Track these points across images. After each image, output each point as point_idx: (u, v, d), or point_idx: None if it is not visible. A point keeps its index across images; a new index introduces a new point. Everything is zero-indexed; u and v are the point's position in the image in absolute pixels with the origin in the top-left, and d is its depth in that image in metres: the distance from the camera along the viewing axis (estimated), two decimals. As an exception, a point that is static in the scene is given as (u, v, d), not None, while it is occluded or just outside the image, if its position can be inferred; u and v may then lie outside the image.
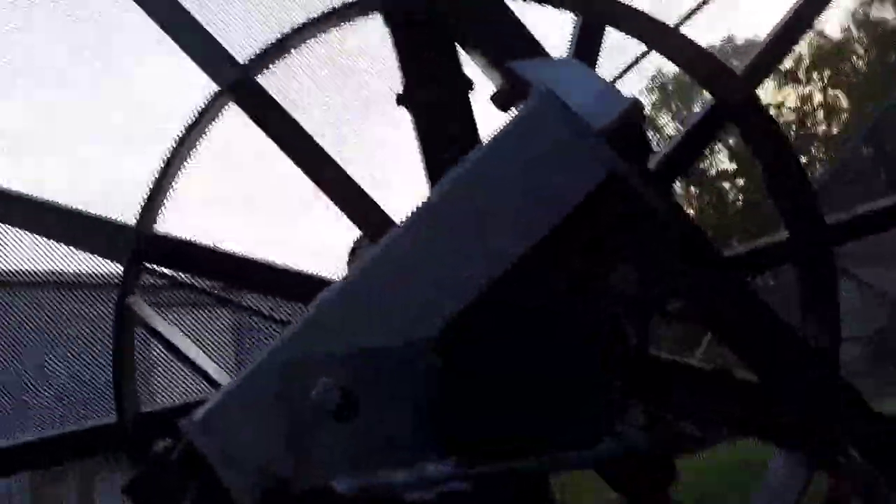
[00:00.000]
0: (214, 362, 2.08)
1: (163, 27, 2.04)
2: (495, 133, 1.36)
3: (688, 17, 3.44)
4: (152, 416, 2.16)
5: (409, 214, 1.37)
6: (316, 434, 1.24)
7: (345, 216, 2.11)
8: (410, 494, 1.17)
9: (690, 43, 2.10)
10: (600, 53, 2.32)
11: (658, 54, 2.35)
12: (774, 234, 2.40)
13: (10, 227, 2.36)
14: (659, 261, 1.36)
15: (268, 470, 1.27)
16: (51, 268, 2.76)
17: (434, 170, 2.17)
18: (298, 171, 2.16)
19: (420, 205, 1.36)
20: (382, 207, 2.15)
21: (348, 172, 2.14)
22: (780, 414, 2.02)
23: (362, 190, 2.17)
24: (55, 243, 2.34)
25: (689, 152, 2.43)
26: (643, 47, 2.62)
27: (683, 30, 3.02)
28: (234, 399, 1.34)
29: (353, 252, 3.24)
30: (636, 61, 3.36)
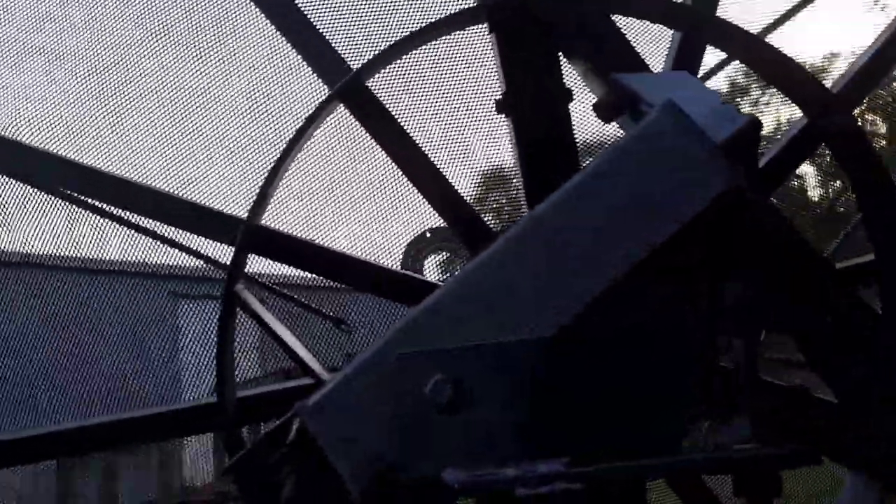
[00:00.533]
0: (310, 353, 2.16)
1: (280, 30, 2.16)
2: (615, 143, 1.39)
3: (775, 25, 3.38)
4: (248, 400, 2.27)
5: (526, 217, 1.41)
6: (427, 426, 1.29)
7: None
8: (519, 490, 1.21)
9: (794, 64, 2.07)
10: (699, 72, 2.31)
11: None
12: (861, 256, 2.33)
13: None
14: (772, 276, 1.36)
15: (378, 457, 1.32)
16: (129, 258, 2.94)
17: (531, 176, 2.21)
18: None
19: (538, 207, 1.40)
20: (480, 215, 2.20)
21: (449, 178, 2.21)
22: (855, 435, 1.98)
23: (460, 195, 2.23)
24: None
25: (779, 171, 2.38)
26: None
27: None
28: (348, 386, 1.41)
29: (412, 245, 3.30)
30: (720, 67, 3.33)
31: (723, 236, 1.34)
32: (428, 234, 3.33)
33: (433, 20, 2.05)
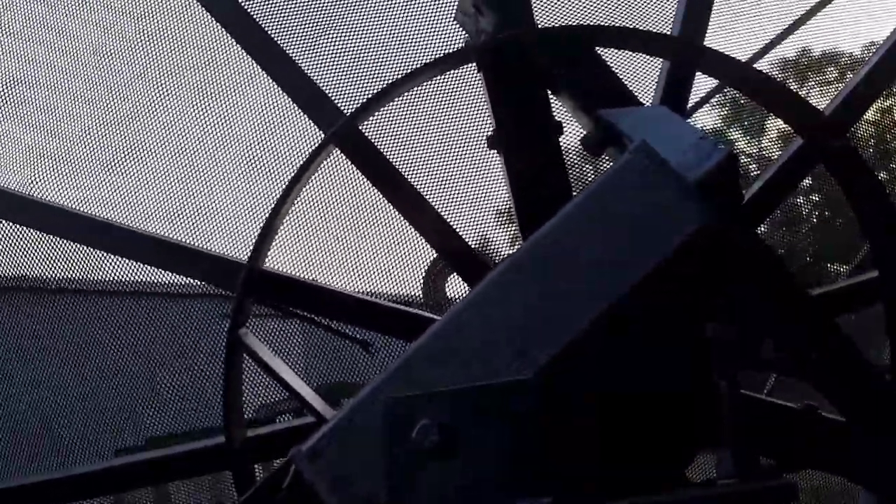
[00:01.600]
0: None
1: (275, 80, 2.24)
2: (592, 183, 1.42)
3: (773, 44, 3.39)
4: (256, 440, 2.31)
5: (508, 258, 1.44)
6: (417, 470, 1.31)
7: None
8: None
9: (783, 88, 2.09)
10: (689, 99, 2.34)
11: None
12: (863, 273, 2.31)
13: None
14: (753, 310, 1.37)
15: (372, 500, 1.35)
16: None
17: (524, 210, 2.25)
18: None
19: (518, 249, 1.43)
20: (476, 250, 2.23)
21: (443, 215, 2.25)
22: (864, 454, 1.96)
23: (456, 232, 2.27)
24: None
25: (776, 194, 2.39)
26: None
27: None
28: (340, 432, 1.44)
29: (429, 274, 3.33)
30: (712, 94, 3.34)
31: (703, 272, 1.36)
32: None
33: (422, 63, 2.10)
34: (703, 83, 2.91)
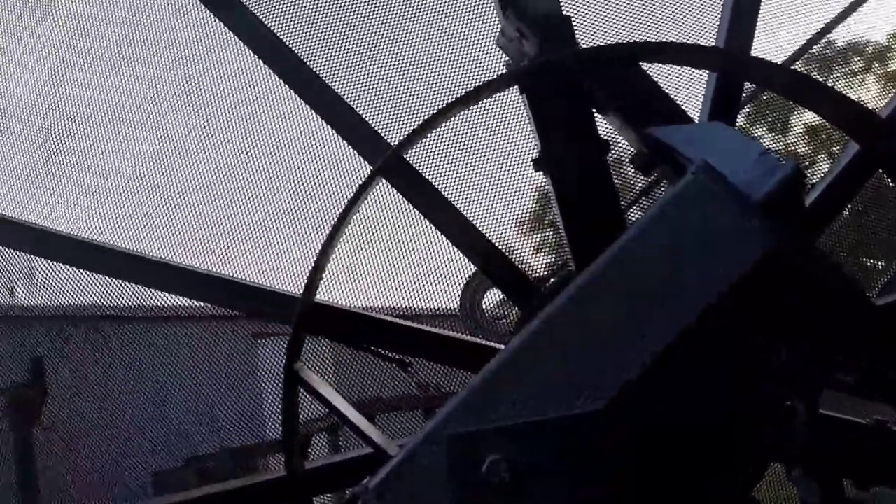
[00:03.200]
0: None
1: (323, 117, 2.27)
2: (653, 206, 1.39)
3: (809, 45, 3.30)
4: (316, 472, 2.31)
5: (569, 289, 1.41)
6: (486, 506, 1.29)
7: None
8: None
9: (836, 94, 2.03)
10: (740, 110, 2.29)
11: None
12: None
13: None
14: (825, 334, 1.31)
15: (441, 540, 1.33)
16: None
17: (574, 232, 2.22)
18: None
19: (580, 277, 1.40)
20: (528, 274, 2.21)
21: (493, 241, 2.24)
22: None
23: (505, 255, 2.25)
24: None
25: (834, 204, 2.30)
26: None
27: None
28: (405, 469, 1.43)
29: (467, 286, 3.32)
30: (747, 100, 3.26)
31: (771, 295, 1.31)
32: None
33: (464, 92, 2.11)
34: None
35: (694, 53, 2.10)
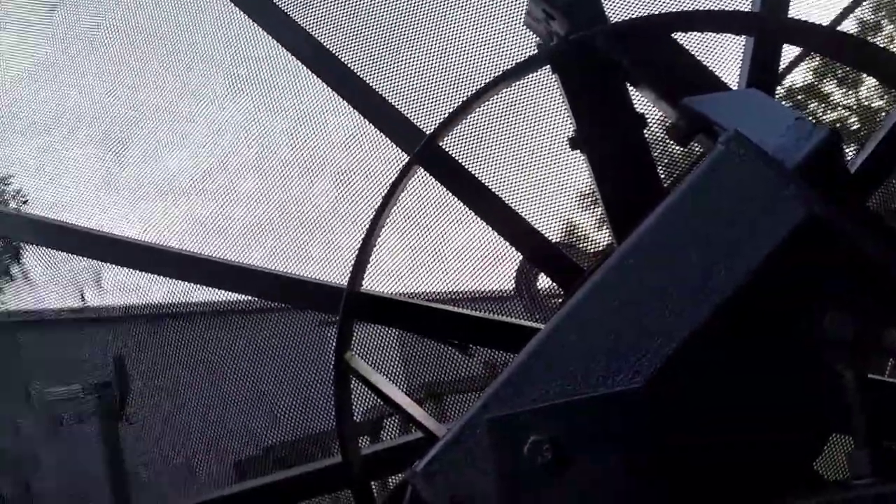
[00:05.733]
0: (393, 383, 2.25)
1: (359, 111, 2.31)
2: (687, 179, 1.37)
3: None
4: (371, 457, 2.38)
5: (604, 265, 1.41)
6: (531, 487, 1.31)
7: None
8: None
9: (880, 49, 1.93)
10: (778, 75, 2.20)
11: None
12: None
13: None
14: (873, 302, 1.27)
15: (490, 519, 1.36)
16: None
17: (613, 209, 2.19)
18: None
19: (614, 254, 1.40)
20: (566, 251, 2.21)
21: (533, 223, 2.24)
22: None
23: (546, 237, 2.25)
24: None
25: (885, 165, 2.19)
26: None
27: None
28: (451, 451, 1.46)
29: (520, 272, 3.30)
30: (799, 59, 3.12)
31: (813, 263, 1.27)
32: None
33: (496, 75, 2.10)
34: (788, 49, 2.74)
35: (728, 19, 2.04)
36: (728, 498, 1.25)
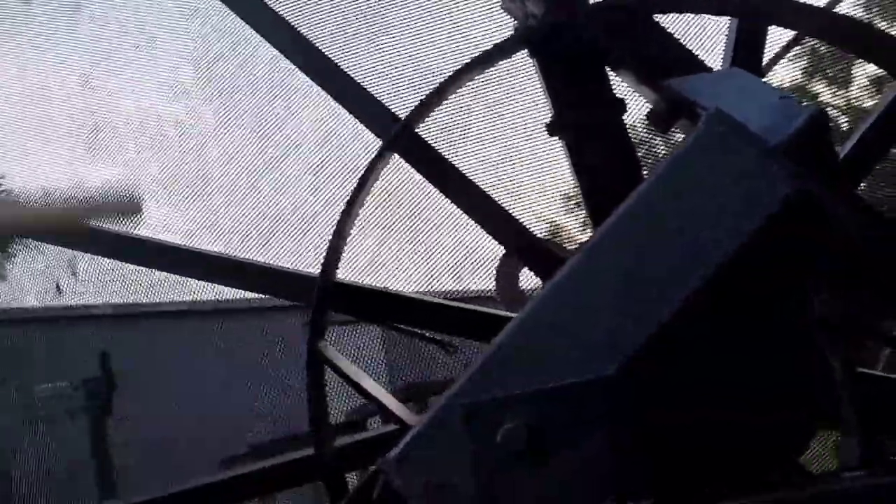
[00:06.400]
0: (372, 379, 2.20)
1: (330, 93, 2.25)
2: (666, 159, 1.34)
3: None
4: (346, 448, 2.33)
5: (581, 248, 1.37)
6: (505, 475, 1.27)
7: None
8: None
9: (877, 31, 1.91)
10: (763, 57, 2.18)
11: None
12: None
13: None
14: (860, 284, 1.24)
15: (464, 508, 1.32)
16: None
17: (591, 196, 2.16)
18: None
19: (591, 237, 1.36)
20: (548, 243, 2.17)
21: (511, 211, 2.20)
22: None
23: (526, 228, 2.22)
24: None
25: (875, 150, 2.19)
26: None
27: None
28: (424, 438, 1.42)
29: (500, 269, 3.29)
30: (788, 48, 3.11)
31: (800, 244, 1.24)
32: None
33: (472, 58, 2.06)
34: (775, 38, 2.72)
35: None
36: (711, 486, 1.22)
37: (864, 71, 3.53)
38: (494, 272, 3.31)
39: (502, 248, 2.27)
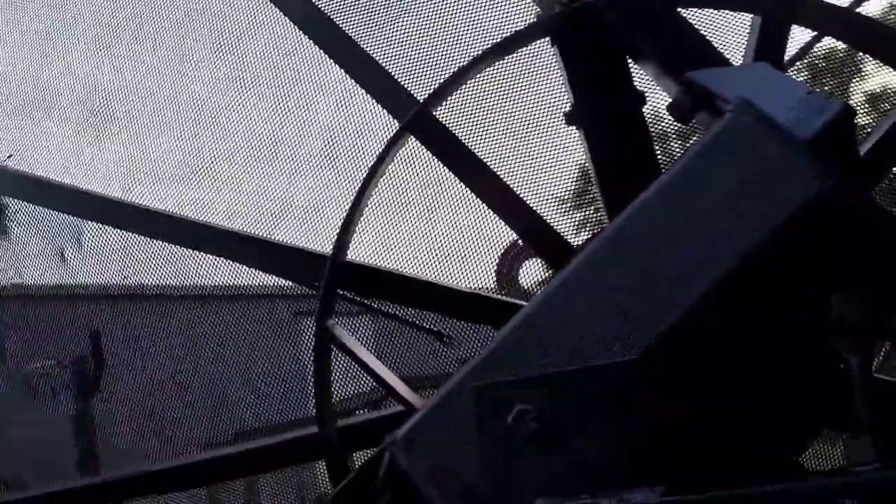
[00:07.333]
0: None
1: (348, 73, 2.24)
2: (690, 150, 1.32)
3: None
4: (348, 429, 2.33)
5: (600, 234, 1.37)
6: (514, 458, 1.27)
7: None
8: (613, 521, 1.16)
9: (889, 29, 1.89)
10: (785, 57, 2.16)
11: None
12: None
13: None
14: (883, 282, 1.23)
15: (470, 490, 1.32)
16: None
17: (608, 188, 2.15)
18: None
19: (612, 224, 1.35)
20: (558, 231, 2.16)
21: (523, 197, 2.19)
22: None
23: (536, 213, 2.21)
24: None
25: (890, 156, 2.17)
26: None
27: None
28: (434, 419, 1.42)
29: (503, 259, 3.28)
30: (804, 52, 3.09)
31: (823, 242, 1.23)
32: (520, 242, 3.32)
33: (493, 43, 2.04)
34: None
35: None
36: (719, 474, 1.22)
37: (862, 87, 3.51)
38: (497, 259, 3.31)
39: (513, 233, 2.26)
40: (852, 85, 3.22)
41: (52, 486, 2.61)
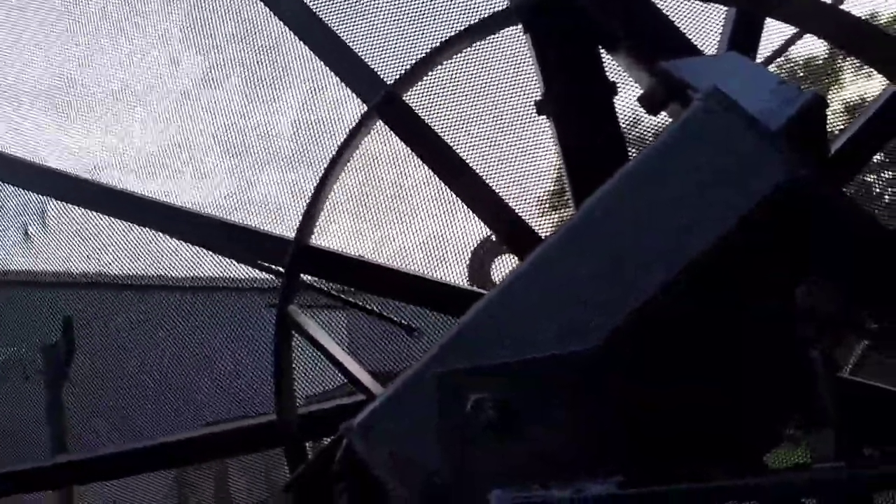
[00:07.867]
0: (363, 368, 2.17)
1: (316, 53, 2.18)
2: (658, 138, 1.31)
3: None
4: (307, 417, 2.29)
5: (564, 223, 1.35)
6: (472, 446, 1.25)
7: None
8: (569, 511, 1.15)
9: (870, 28, 1.90)
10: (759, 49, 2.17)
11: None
12: None
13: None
14: (851, 274, 1.23)
15: (429, 478, 1.30)
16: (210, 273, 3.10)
17: (577, 178, 2.14)
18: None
19: (576, 213, 1.34)
20: (524, 218, 2.14)
21: (489, 183, 2.17)
22: None
23: (501, 199, 2.18)
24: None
25: (865, 148, 2.19)
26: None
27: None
28: (392, 406, 1.39)
29: (476, 253, 3.26)
30: (783, 49, 3.11)
31: (793, 232, 1.22)
32: (493, 238, 3.31)
33: (464, 27, 2.01)
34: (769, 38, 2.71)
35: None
36: (685, 464, 1.22)
37: (840, 96, 3.56)
38: (470, 252, 3.29)
39: (485, 228, 2.24)
40: (830, 93, 3.27)
41: (20, 466, 2.54)
